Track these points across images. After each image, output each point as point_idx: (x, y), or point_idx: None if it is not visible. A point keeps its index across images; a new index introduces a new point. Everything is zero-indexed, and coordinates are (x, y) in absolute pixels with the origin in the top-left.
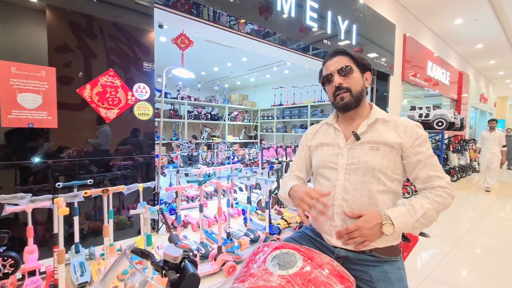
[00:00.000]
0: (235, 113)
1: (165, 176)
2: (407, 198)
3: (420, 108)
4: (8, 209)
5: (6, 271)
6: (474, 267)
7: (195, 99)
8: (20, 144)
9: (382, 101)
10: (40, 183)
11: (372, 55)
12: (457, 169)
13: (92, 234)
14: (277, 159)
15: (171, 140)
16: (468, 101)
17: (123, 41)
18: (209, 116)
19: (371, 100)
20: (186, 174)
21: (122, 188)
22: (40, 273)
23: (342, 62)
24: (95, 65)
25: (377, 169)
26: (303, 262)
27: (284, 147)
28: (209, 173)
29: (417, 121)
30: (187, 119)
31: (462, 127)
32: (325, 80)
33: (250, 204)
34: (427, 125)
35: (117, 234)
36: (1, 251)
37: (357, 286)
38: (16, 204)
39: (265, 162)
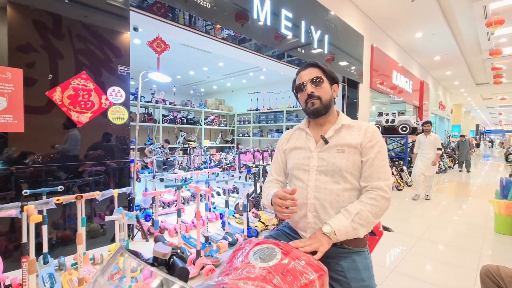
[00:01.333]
0: (212, 117)
1: (139, 181)
2: None
3: (387, 114)
4: None
5: None
6: (434, 260)
7: (171, 103)
8: None
9: (352, 107)
10: (2, 191)
11: (343, 63)
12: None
13: (61, 244)
14: (254, 163)
15: (145, 145)
16: (428, 108)
17: (97, 43)
18: (185, 120)
19: (342, 106)
20: (161, 180)
21: (97, 194)
22: (5, 287)
23: (314, 73)
24: (66, 67)
25: (344, 169)
26: (282, 255)
27: (261, 151)
28: (186, 178)
29: (384, 126)
30: (162, 123)
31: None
32: (298, 89)
33: (228, 208)
34: (393, 130)
35: (89, 242)
36: None
37: (330, 276)
38: None
39: (242, 166)
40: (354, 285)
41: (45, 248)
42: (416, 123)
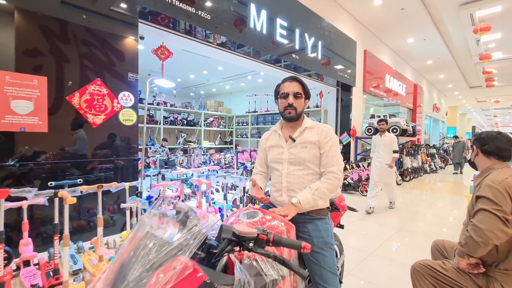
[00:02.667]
0: (211, 119)
1: (144, 179)
2: (365, 195)
3: (379, 116)
4: (6, 205)
5: None
6: (410, 247)
7: (171, 105)
8: (12, 147)
9: (345, 110)
10: (31, 183)
11: (336, 68)
12: (410, 170)
13: (77, 232)
14: (250, 162)
15: (147, 145)
16: (422, 110)
17: (110, 53)
18: (185, 122)
19: (336, 109)
20: (163, 178)
21: (114, 185)
22: (34, 265)
23: (296, 88)
24: (84, 75)
25: (307, 160)
26: (262, 215)
27: (257, 151)
28: (187, 174)
29: (376, 128)
30: (163, 124)
31: (414, 133)
32: (281, 95)
33: (227, 202)
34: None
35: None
36: None
37: (299, 236)
38: (20, 200)
39: (241, 165)
40: (316, 240)
41: (66, 233)
42: (406, 125)
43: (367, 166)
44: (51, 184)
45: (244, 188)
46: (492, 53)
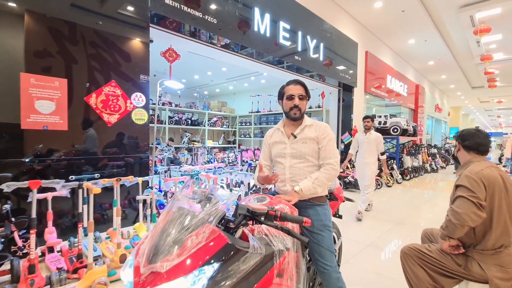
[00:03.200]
0: (215, 119)
1: (154, 174)
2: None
3: (380, 117)
4: (33, 197)
5: (25, 251)
6: (406, 239)
7: (176, 105)
8: (36, 144)
9: (347, 110)
10: (55, 177)
11: (338, 69)
12: (410, 169)
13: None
14: (254, 159)
15: (152, 144)
16: (424, 110)
17: (123, 56)
18: (189, 122)
19: (338, 109)
20: (169, 176)
21: (131, 178)
22: (57, 251)
23: (301, 90)
24: (100, 77)
25: (307, 154)
26: (270, 199)
27: (261, 147)
28: (195, 171)
29: (377, 128)
30: (168, 124)
31: (415, 133)
32: (287, 97)
33: None
34: (385, 131)
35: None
36: (21, 233)
37: None
38: (48, 191)
39: (245, 163)
40: (316, 223)
41: (85, 224)
42: (407, 125)
43: None
44: (71, 178)
45: (248, 184)
46: (493, 54)
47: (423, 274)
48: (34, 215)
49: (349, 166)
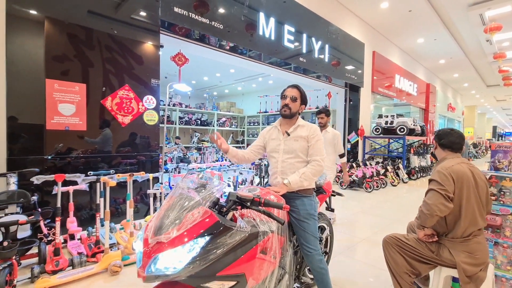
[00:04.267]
0: (223, 119)
1: (164, 172)
2: (369, 192)
3: (386, 116)
4: (57, 189)
5: (50, 238)
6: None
7: (186, 106)
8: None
9: (354, 110)
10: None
11: (345, 69)
12: (417, 169)
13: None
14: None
15: (165, 143)
16: (435, 110)
17: (137, 62)
18: (199, 122)
19: (345, 109)
20: (179, 172)
21: (143, 174)
22: (78, 239)
23: (294, 93)
24: (115, 82)
25: (298, 150)
26: (260, 190)
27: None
28: (202, 168)
29: (383, 127)
30: (179, 124)
31: (423, 133)
32: (282, 97)
33: None
34: (392, 131)
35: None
36: (46, 222)
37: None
38: (70, 184)
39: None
40: (302, 212)
41: (102, 215)
42: (414, 125)
43: (375, 164)
44: (90, 173)
45: (251, 181)
46: (506, 52)
47: (402, 260)
48: (59, 204)
49: (354, 165)
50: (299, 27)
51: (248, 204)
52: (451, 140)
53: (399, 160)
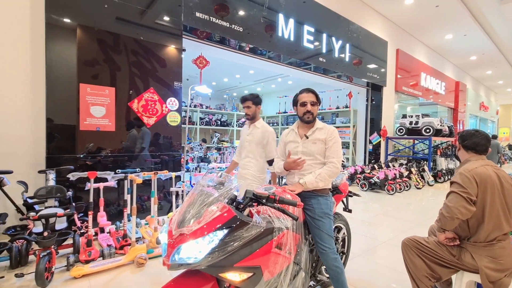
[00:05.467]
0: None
1: (185, 171)
2: (391, 194)
3: (411, 116)
4: (89, 185)
5: (82, 231)
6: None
7: (207, 107)
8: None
9: (376, 110)
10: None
11: (367, 68)
12: (444, 171)
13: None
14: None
15: (186, 143)
16: (466, 109)
17: (161, 66)
18: (219, 123)
19: (366, 109)
20: (199, 171)
21: (166, 172)
22: (107, 233)
23: (312, 97)
24: (141, 85)
25: (315, 152)
26: (276, 189)
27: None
28: (221, 168)
29: (408, 128)
30: (199, 125)
31: (451, 134)
32: (300, 104)
33: None
34: (416, 132)
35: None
36: (79, 216)
37: (304, 207)
38: (100, 181)
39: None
40: (317, 211)
41: (128, 210)
42: (441, 125)
43: (398, 166)
44: (118, 171)
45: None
46: None
47: (421, 264)
48: (91, 199)
49: (376, 167)
50: (319, 27)
51: (264, 201)
52: (475, 142)
53: (425, 162)
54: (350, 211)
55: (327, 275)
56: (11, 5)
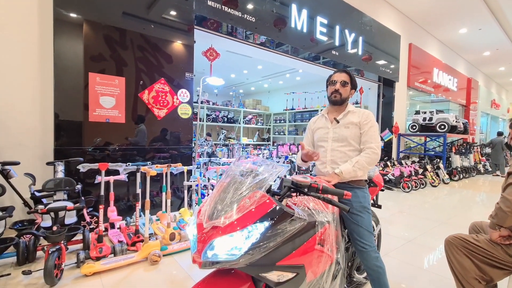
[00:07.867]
0: (250, 116)
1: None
2: (407, 192)
3: (424, 113)
4: (99, 178)
5: (92, 226)
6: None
7: (213, 103)
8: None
9: (388, 106)
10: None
11: (378, 63)
12: (459, 169)
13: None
14: (290, 154)
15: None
16: (477, 107)
17: (172, 56)
18: (225, 119)
19: (377, 105)
20: (206, 168)
21: (179, 165)
22: (117, 228)
23: (344, 77)
24: (151, 75)
25: (349, 138)
26: (311, 179)
27: (296, 144)
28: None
29: (421, 124)
30: (206, 121)
31: (466, 131)
32: (330, 83)
33: None
34: (431, 128)
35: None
36: (88, 211)
37: (339, 201)
38: (111, 174)
39: (282, 156)
40: (355, 205)
41: (140, 206)
42: (456, 121)
43: (411, 164)
44: (128, 164)
45: (285, 175)
46: None
47: (469, 264)
48: (102, 192)
49: (389, 164)
50: (332, 19)
51: (306, 190)
52: None
53: (439, 160)
54: (379, 206)
55: (362, 276)
56: None
